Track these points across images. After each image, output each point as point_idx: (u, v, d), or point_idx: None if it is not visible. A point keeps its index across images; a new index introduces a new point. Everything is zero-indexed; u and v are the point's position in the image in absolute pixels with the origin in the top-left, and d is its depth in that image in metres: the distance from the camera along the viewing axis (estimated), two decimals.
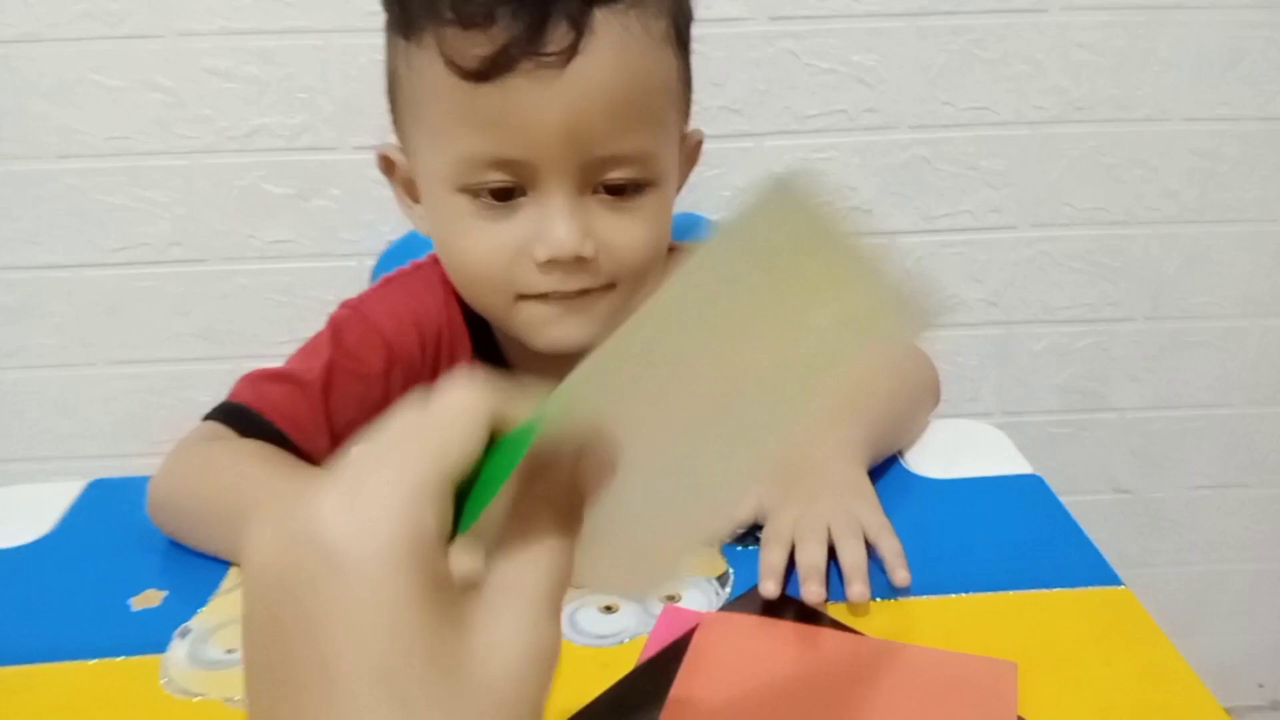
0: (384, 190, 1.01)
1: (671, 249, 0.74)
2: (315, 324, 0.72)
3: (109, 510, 0.69)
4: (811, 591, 0.54)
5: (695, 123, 1.04)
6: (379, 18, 0.68)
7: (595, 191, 0.63)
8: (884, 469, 0.69)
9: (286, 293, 1.09)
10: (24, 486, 0.73)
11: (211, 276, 1.08)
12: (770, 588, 0.54)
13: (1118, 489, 1.27)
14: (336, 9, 0.97)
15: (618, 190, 0.64)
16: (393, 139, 0.69)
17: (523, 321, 0.66)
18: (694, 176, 1.06)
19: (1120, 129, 1.10)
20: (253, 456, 0.64)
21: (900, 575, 0.55)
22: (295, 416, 0.67)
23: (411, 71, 0.63)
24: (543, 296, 0.65)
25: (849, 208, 1.12)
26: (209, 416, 0.68)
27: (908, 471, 0.68)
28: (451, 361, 0.74)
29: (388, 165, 0.72)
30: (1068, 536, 0.61)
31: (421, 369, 0.72)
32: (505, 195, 0.63)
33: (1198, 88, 1.09)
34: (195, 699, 0.50)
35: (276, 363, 0.71)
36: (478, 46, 0.58)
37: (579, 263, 0.63)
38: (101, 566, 0.62)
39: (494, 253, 0.64)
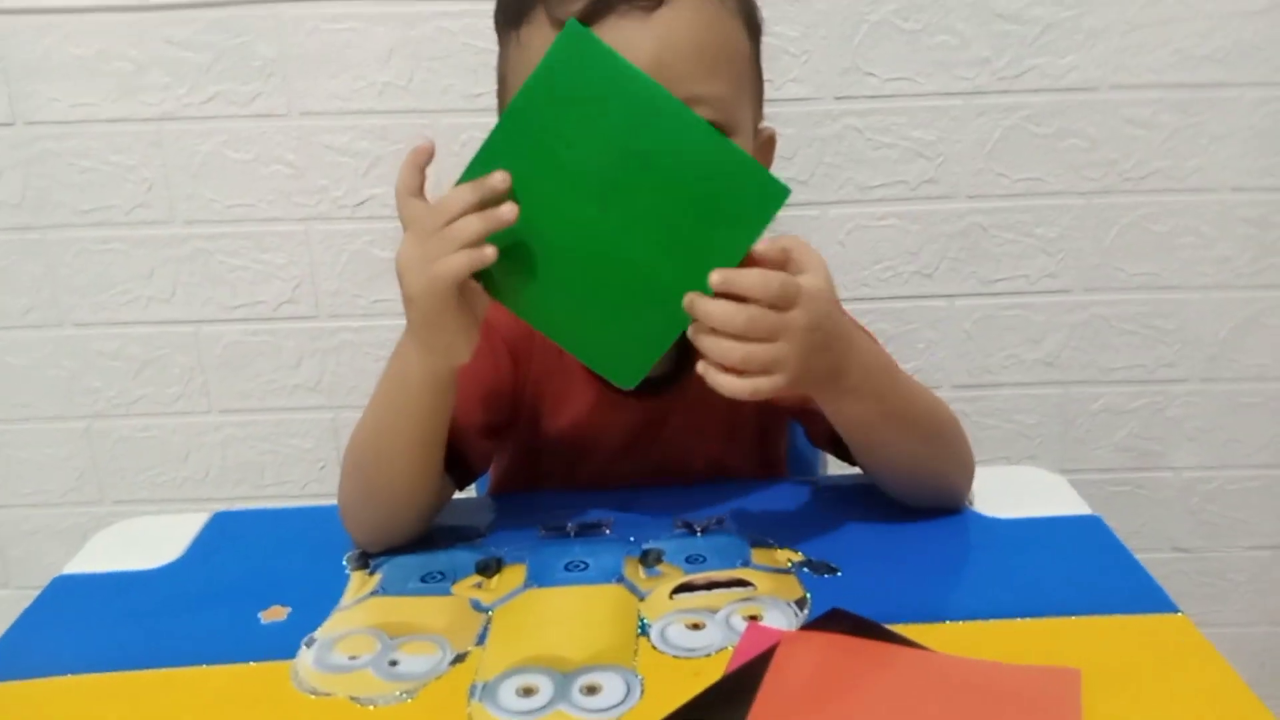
0: None
1: None
2: None
3: (232, 538, 0.73)
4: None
5: None
6: (481, 99, 0.76)
7: None
8: (952, 513, 0.71)
9: (385, 347, 1.15)
10: (154, 518, 0.77)
11: (319, 332, 1.15)
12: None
13: (1176, 548, 1.28)
14: (443, 92, 1.05)
15: None
16: None
17: None
18: None
19: (1170, 199, 1.14)
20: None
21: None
22: None
23: (522, 51, 0.70)
24: None
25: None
26: None
27: (972, 512, 0.71)
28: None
29: None
30: (1126, 569, 0.63)
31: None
32: None
33: (1245, 159, 1.13)
34: (324, 697, 0.53)
35: None
36: (577, 3, 0.66)
37: None
38: (229, 586, 0.66)
39: None
